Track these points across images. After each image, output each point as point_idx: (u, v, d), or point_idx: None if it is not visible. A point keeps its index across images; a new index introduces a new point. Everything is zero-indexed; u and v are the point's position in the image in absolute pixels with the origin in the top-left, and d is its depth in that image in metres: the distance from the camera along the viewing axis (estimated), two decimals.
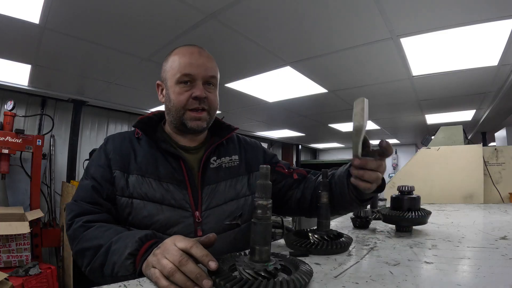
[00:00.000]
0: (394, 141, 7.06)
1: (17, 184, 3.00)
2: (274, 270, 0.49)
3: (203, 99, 0.80)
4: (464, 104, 3.48)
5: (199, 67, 0.80)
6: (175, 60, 0.82)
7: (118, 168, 0.79)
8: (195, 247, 0.50)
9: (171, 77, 0.82)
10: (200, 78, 0.80)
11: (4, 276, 1.86)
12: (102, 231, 0.68)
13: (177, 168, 0.81)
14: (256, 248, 0.50)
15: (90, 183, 0.78)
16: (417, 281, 0.52)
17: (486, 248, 0.76)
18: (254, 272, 0.48)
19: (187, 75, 0.80)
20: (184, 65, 0.80)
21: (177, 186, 0.79)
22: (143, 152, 0.82)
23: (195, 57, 0.81)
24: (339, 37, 1.93)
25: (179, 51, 0.83)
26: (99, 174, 0.79)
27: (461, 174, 1.92)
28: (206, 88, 0.82)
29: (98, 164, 0.81)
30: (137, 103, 3.74)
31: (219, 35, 1.91)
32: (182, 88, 0.80)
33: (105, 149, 0.84)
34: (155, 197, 0.77)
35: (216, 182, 0.84)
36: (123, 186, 0.77)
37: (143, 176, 0.78)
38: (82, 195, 0.77)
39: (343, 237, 0.77)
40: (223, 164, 0.88)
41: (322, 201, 0.77)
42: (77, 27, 1.80)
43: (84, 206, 0.75)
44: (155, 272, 0.50)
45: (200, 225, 0.79)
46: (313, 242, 0.73)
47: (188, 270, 0.48)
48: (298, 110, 4.00)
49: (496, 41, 1.88)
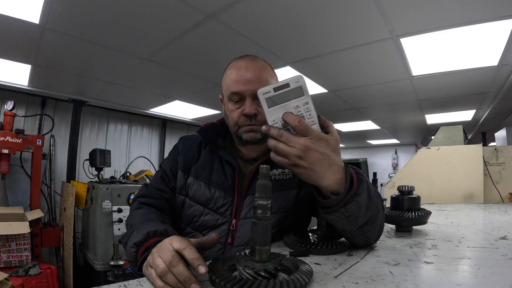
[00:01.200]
0: (394, 141, 7.06)
1: (17, 184, 3.00)
2: (274, 270, 0.49)
3: (253, 116, 0.80)
4: (464, 104, 3.49)
5: (245, 84, 0.79)
6: (227, 76, 0.84)
7: (181, 169, 0.88)
8: (188, 249, 0.50)
9: (225, 93, 0.85)
10: (248, 94, 0.79)
11: (4, 276, 1.86)
12: (142, 214, 0.77)
13: (230, 176, 0.84)
14: (256, 248, 0.50)
15: (161, 173, 0.90)
16: (417, 281, 0.52)
17: (486, 248, 0.76)
18: (254, 272, 0.48)
19: (236, 93, 0.80)
20: (232, 83, 0.81)
21: (224, 192, 0.83)
22: (204, 157, 0.89)
23: (242, 73, 0.81)
24: (339, 37, 1.93)
25: (231, 65, 0.85)
26: (169, 167, 0.90)
27: (461, 174, 1.92)
28: (257, 103, 0.79)
29: (170, 159, 0.92)
30: (137, 103, 3.74)
31: (219, 35, 1.91)
32: (233, 106, 0.82)
33: (177, 147, 0.94)
34: (201, 200, 0.83)
35: None
36: (182, 186, 0.87)
37: (197, 178, 0.86)
38: (152, 182, 0.91)
39: (343, 237, 0.77)
40: (273, 176, 0.86)
41: None
42: (77, 27, 1.80)
43: (149, 190, 0.87)
44: (152, 273, 0.51)
45: (233, 233, 0.80)
46: (313, 242, 0.73)
47: (178, 272, 0.48)
48: None
49: (496, 41, 1.88)
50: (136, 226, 0.69)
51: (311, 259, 0.67)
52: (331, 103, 3.58)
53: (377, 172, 1.43)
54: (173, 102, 3.59)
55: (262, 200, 0.51)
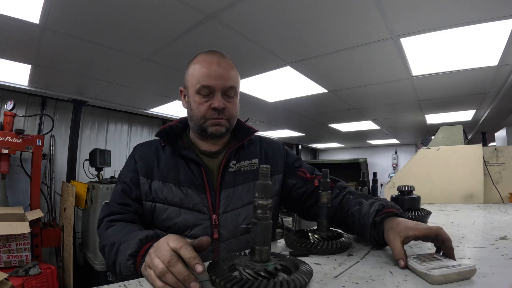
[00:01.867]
0: (394, 141, 7.07)
1: (17, 184, 3.00)
2: (274, 270, 0.49)
3: (221, 110, 0.82)
4: (464, 104, 3.49)
5: (217, 78, 0.81)
6: (195, 69, 0.83)
7: (142, 175, 0.85)
8: (184, 248, 0.50)
9: (191, 86, 0.84)
10: (219, 89, 0.82)
11: (4, 276, 1.86)
12: (119, 229, 0.73)
13: (198, 173, 0.84)
14: (256, 248, 0.50)
15: (120, 187, 0.86)
16: (417, 281, 0.52)
17: (486, 248, 0.76)
18: (254, 272, 0.48)
19: (206, 86, 0.81)
20: (203, 76, 0.81)
21: (196, 190, 0.83)
22: (166, 159, 0.87)
23: (214, 68, 0.81)
24: (339, 37, 1.93)
25: (200, 59, 0.84)
26: (129, 178, 0.86)
27: (461, 174, 1.92)
28: (225, 98, 0.83)
29: (128, 170, 0.88)
30: (137, 103, 3.74)
31: (219, 35, 1.91)
32: (202, 99, 0.82)
33: (133, 156, 0.91)
34: (174, 201, 0.82)
35: (233, 186, 0.86)
36: (147, 191, 0.83)
37: (164, 181, 0.83)
38: (113, 198, 0.86)
39: (343, 237, 0.77)
40: (242, 168, 0.89)
41: (322, 201, 0.77)
42: (77, 27, 1.80)
43: (113, 207, 0.83)
44: (151, 274, 0.51)
45: (217, 228, 0.81)
46: (313, 242, 0.73)
47: (177, 271, 0.48)
48: (298, 110, 4.00)
49: (496, 41, 1.88)
50: (119, 242, 0.67)
51: (311, 259, 0.67)
52: (331, 103, 3.58)
53: (377, 172, 1.43)
54: (173, 102, 3.59)
55: (262, 200, 0.51)
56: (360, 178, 1.16)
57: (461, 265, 0.53)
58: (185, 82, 0.88)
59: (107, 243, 0.71)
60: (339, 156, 8.58)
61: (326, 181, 0.77)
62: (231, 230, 0.82)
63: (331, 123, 4.91)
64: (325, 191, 0.76)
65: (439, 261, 0.56)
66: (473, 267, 0.52)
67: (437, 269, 0.52)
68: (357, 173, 5.33)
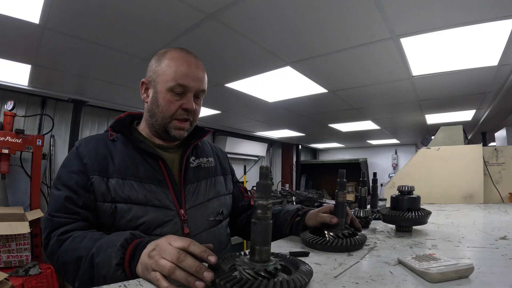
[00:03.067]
0: (394, 141, 7.06)
1: (17, 184, 3.00)
2: (274, 270, 0.49)
3: (191, 112, 0.83)
4: (464, 104, 3.48)
5: (194, 80, 0.80)
6: (170, 66, 0.79)
7: (96, 173, 0.75)
8: (193, 245, 0.51)
9: (163, 82, 0.80)
10: (193, 90, 0.81)
11: (4, 276, 1.86)
12: (78, 241, 0.65)
13: (157, 167, 0.81)
14: (256, 248, 0.50)
15: (64, 193, 0.73)
16: (417, 281, 0.52)
17: (486, 248, 0.76)
18: (254, 272, 0.48)
19: (182, 86, 0.79)
20: (181, 75, 0.78)
21: (159, 186, 0.79)
22: (120, 153, 0.80)
23: (193, 69, 0.80)
24: (339, 37, 1.93)
25: (176, 56, 0.81)
26: (73, 181, 0.74)
27: (461, 174, 1.92)
28: (195, 100, 0.83)
29: (71, 171, 0.76)
30: (137, 103, 3.74)
31: (219, 35, 1.91)
32: (173, 97, 0.80)
33: (78, 153, 0.78)
34: (139, 199, 0.75)
35: (197, 181, 0.88)
36: (104, 191, 0.74)
37: (124, 178, 0.76)
38: (56, 207, 0.72)
39: (357, 234, 0.79)
40: (202, 164, 0.92)
41: (339, 200, 0.79)
42: (77, 27, 1.80)
43: (57, 220, 0.71)
44: (156, 275, 0.50)
45: (186, 222, 0.80)
46: (328, 239, 0.75)
47: (188, 265, 0.48)
48: (298, 110, 4.00)
49: (496, 41, 1.88)
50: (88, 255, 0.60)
51: (311, 259, 0.67)
52: (331, 103, 3.58)
53: (377, 172, 1.43)
54: None
55: (262, 200, 0.51)
56: (360, 178, 1.15)
57: (458, 264, 0.53)
58: (152, 75, 0.83)
59: (70, 260, 0.63)
60: (339, 156, 8.58)
61: (342, 181, 0.80)
62: (200, 224, 0.83)
63: (331, 123, 4.91)
64: (342, 190, 0.80)
65: (437, 261, 0.56)
66: (470, 265, 0.53)
67: (435, 267, 0.52)
68: (357, 173, 5.33)
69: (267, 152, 6.86)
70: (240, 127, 5.41)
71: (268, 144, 6.84)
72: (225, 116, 4.30)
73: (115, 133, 0.84)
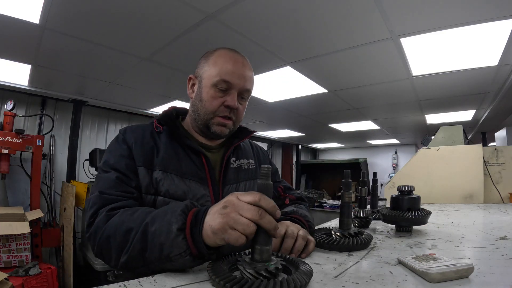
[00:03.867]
0: (394, 141, 7.06)
1: (17, 184, 3.00)
2: (275, 270, 0.49)
3: (233, 110, 0.81)
4: (464, 104, 3.48)
5: (240, 77, 0.80)
6: (217, 62, 0.80)
7: (141, 164, 0.74)
8: (263, 199, 0.50)
9: (208, 77, 0.80)
10: (237, 88, 0.80)
11: (4, 276, 1.86)
12: (128, 214, 0.61)
13: (200, 165, 0.80)
14: (257, 248, 0.51)
15: (114, 174, 0.71)
16: (417, 281, 0.52)
17: (486, 248, 0.76)
18: (255, 271, 0.48)
19: (226, 82, 0.78)
20: (226, 71, 0.78)
21: (199, 183, 0.79)
22: (165, 146, 0.79)
23: (239, 67, 0.80)
24: (339, 37, 1.93)
25: (224, 54, 0.81)
26: (123, 165, 0.73)
27: (461, 174, 1.92)
28: (239, 99, 0.82)
29: (120, 155, 0.74)
30: (137, 103, 3.74)
31: (219, 35, 1.91)
32: (217, 93, 0.79)
33: (125, 140, 0.78)
34: (177, 194, 0.75)
35: (236, 182, 0.86)
36: (147, 184, 0.74)
37: (166, 171, 0.75)
38: (106, 185, 0.70)
39: (364, 234, 0.80)
40: (242, 166, 0.90)
41: (345, 200, 0.79)
42: (77, 27, 1.80)
43: (109, 197, 0.68)
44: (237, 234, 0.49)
45: None
46: (335, 239, 0.76)
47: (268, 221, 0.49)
48: (298, 110, 4.00)
49: (496, 41, 1.88)
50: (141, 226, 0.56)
51: (311, 259, 0.67)
52: (331, 103, 3.58)
53: (377, 172, 1.42)
54: (173, 102, 3.59)
55: None
56: (360, 178, 1.15)
57: (458, 264, 0.53)
58: (200, 71, 0.83)
59: (117, 233, 0.59)
60: (339, 156, 8.58)
61: (348, 181, 0.80)
62: None
63: (331, 123, 4.91)
64: (347, 190, 0.80)
65: (437, 261, 0.56)
66: (470, 265, 0.53)
67: (435, 267, 0.52)
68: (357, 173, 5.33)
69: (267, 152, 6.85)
70: None
71: (268, 144, 6.84)
72: None
73: (161, 126, 0.83)
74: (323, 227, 0.95)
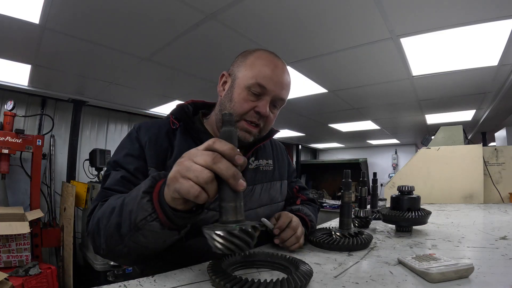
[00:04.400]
0: (394, 141, 7.06)
1: (17, 184, 3.00)
2: (252, 229, 0.43)
3: (263, 117, 0.76)
4: (464, 104, 3.48)
5: (276, 84, 0.75)
6: (257, 64, 0.75)
7: (153, 165, 0.71)
8: (218, 142, 0.44)
9: (243, 78, 0.75)
10: (272, 95, 0.75)
11: (4, 276, 1.86)
12: (117, 197, 0.60)
13: None
14: (221, 207, 0.43)
15: (120, 173, 0.68)
16: (417, 281, 0.52)
17: (486, 248, 0.76)
18: (227, 232, 0.41)
19: (261, 86, 0.73)
20: (264, 75, 0.73)
21: None
22: (179, 145, 0.75)
23: (278, 73, 0.75)
24: (339, 37, 1.93)
25: (264, 57, 0.77)
26: (132, 166, 0.69)
27: (461, 174, 1.92)
28: (271, 107, 0.77)
29: (131, 154, 0.71)
30: (137, 103, 3.74)
31: (219, 35, 1.91)
32: (249, 96, 0.74)
33: (138, 138, 0.74)
34: None
35: (253, 184, 0.82)
36: None
37: None
38: (111, 183, 0.68)
39: (364, 234, 0.80)
40: (261, 167, 0.86)
41: (345, 200, 0.79)
42: (77, 27, 1.80)
43: (109, 192, 0.66)
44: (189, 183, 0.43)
45: None
46: (335, 239, 0.76)
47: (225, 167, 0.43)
48: (298, 110, 4.00)
49: (496, 41, 1.88)
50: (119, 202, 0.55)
51: (311, 259, 0.67)
52: (331, 103, 3.58)
53: (377, 172, 1.42)
54: (173, 102, 3.59)
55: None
56: (360, 178, 1.15)
57: (458, 264, 0.53)
58: (235, 69, 0.79)
59: (104, 215, 0.58)
60: (339, 156, 8.58)
61: (348, 181, 0.80)
62: None
63: (331, 123, 4.91)
64: (347, 190, 0.80)
65: (437, 261, 0.56)
66: (470, 265, 0.53)
67: (435, 267, 0.52)
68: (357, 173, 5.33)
69: None
70: None
71: None
72: None
73: (177, 122, 0.79)
74: (323, 227, 0.95)
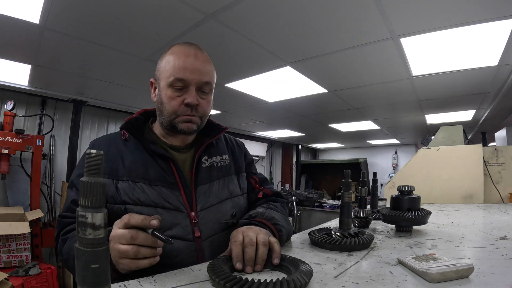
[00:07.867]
0: (394, 141, 7.06)
1: (17, 184, 3.00)
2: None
3: (195, 107, 0.78)
4: (464, 104, 3.48)
5: (193, 72, 0.76)
6: (169, 61, 0.77)
7: (106, 175, 0.74)
8: (131, 218, 0.55)
9: (164, 78, 0.78)
10: (193, 84, 0.76)
11: (4, 276, 1.86)
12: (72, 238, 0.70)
13: (167, 170, 0.79)
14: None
15: (72, 196, 0.78)
16: (417, 281, 0.52)
17: (486, 248, 0.76)
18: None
19: (180, 80, 0.75)
20: (178, 69, 0.75)
21: (170, 188, 0.77)
22: (131, 155, 0.79)
23: (190, 61, 0.76)
24: (339, 37, 1.93)
25: (175, 51, 0.79)
26: None
27: (461, 174, 1.92)
28: (199, 94, 0.79)
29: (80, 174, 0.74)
30: (137, 103, 3.74)
31: (219, 35, 1.91)
32: (174, 93, 0.77)
33: None
34: (149, 201, 0.74)
35: (209, 182, 0.84)
36: (113, 194, 0.74)
37: (134, 181, 0.75)
38: (65, 208, 0.78)
39: (364, 234, 0.80)
40: (215, 163, 0.88)
41: (345, 200, 0.79)
42: (77, 27, 1.80)
43: (65, 220, 0.76)
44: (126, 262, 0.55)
45: (197, 225, 0.77)
46: (335, 239, 0.76)
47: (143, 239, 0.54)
48: (298, 110, 4.00)
49: (496, 41, 1.88)
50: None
51: (311, 259, 0.67)
52: (331, 103, 3.58)
53: (377, 172, 1.42)
54: None
55: (88, 210, 0.34)
56: (360, 178, 1.15)
57: (458, 264, 0.53)
58: (157, 73, 0.82)
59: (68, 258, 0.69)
60: (339, 156, 8.58)
61: (348, 181, 0.80)
62: (212, 227, 0.79)
63: (331, 123, 4.91)
64: (347, 190, 0.80)
65: (437, 261, 0.56)
66: (470, 265, 0.53)
67: (435, 267, 0.52)
68: (357, 173, 5.33)
69: (267, 152, 6.86)
70: (240, 127, 5.41)
71: (268, 144, 6.84)
72: (225, 116, 4.30)
73: (127, 133, 0.82)
74: (323, 227, 0.95)
